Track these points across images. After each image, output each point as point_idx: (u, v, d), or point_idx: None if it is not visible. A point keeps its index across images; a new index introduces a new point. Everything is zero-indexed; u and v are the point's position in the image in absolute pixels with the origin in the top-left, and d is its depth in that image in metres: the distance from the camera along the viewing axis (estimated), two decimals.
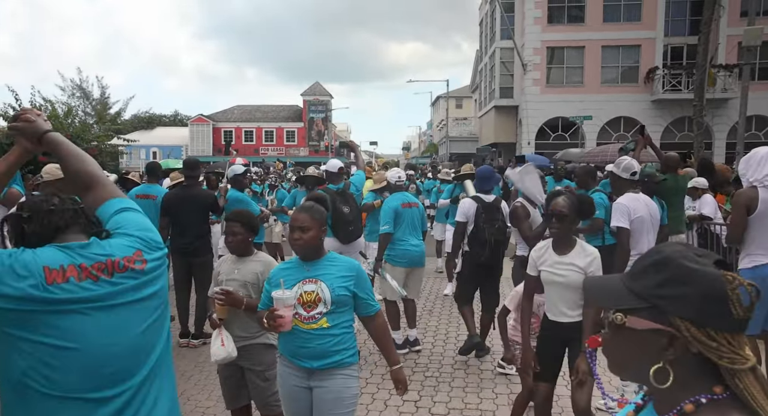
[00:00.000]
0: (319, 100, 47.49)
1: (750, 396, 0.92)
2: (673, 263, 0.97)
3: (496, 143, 29.49)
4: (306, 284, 2.57)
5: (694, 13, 22.77)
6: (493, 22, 28.07)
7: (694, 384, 0.96)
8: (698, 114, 17.27)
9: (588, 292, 1.08)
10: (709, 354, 0.93)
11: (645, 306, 0.97)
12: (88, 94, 34.88)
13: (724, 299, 0.92)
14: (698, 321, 0.93)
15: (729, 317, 0.92)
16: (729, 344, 0.93)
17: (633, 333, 0.98)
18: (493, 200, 5.01)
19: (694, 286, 0.94)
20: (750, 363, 0.93)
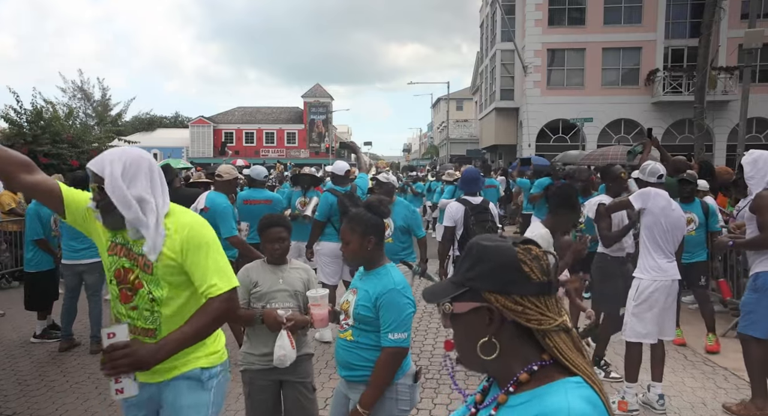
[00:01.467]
0: (319, 102, 47.51)
1: (560, 352, 1.01)
2: (474, 246, 1.10)
3: (496, 144, 29.49)
4: (350, 292, 2.52)
5: (695, 16, 22.78)
6: (494, 25, 28.09)
7: (522, 354, 1.05)
8: (699, 116, 17.26)
9: (426, 297, 1.16)
10: (518, 319, 1.03)
11: (463, 291, 1.08)
12: (89, 96, 34.92)
13: (517, 266, 1.03)
14: (502, 289, 1.04)
15: (528, 281, 1.03)
16: (536, 306, 1.03)
17: (461, 318, 1.09)
18: (481, 202, 4.98)
19: (491, 260, 1.05)
20: (557, 323, 1.02)
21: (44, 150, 10.45)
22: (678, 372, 4.83)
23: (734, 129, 19.57)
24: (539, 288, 1.04)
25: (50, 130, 10.93)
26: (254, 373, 2.84)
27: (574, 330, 1.06)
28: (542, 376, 1.02)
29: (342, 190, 5.77)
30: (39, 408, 4.16)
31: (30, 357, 5.31)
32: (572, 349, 1.03)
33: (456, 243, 4.93)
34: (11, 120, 10.96)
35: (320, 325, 2.61)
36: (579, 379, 1.00)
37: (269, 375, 2.81)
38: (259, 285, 2.82)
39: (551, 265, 1.07)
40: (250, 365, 2.85)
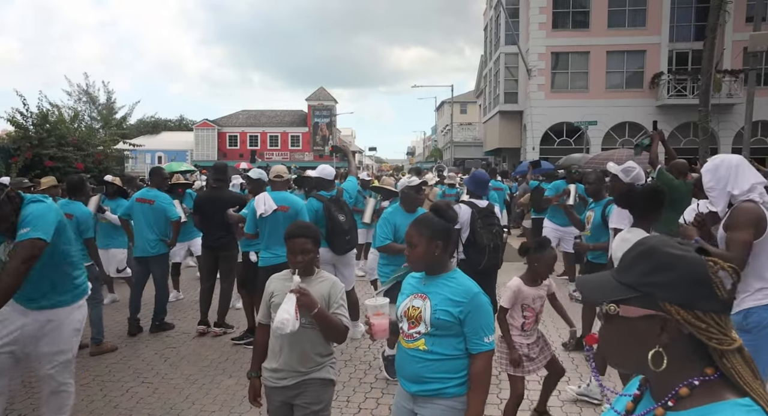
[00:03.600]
0: (323, 105, 47.62)
1: (737, 375, 0.96)
2: (658, 251, 1.02)
3: (500, 148, 29.47)
4: (416, 298, 2.35)
5: (700, 19, 22.76)
6: (498, 28, 28.11)
7: (687, 368, 1.00)
8: (703, 120, 17.22)
9: (582, 290, 1.11)
10: (700, 335, 0.97)
11: (635, 295, 1.02)
12: (95, 99, 35.08)
13: (707, 281, 0.97)
14: (686, 303, 0.98)
15: (714, 298, 0.97)
16: (717, 325, 0.97)
17: (627, 322, 1.03)
18: (487, 205, 4.96)
19: (679, 271, 0.98)
20: (737, 344, 0.98)
21: (49, 153, 10.50)
22: None
23: (739, 132, 19.52)
24: (723, 306, 0.98)
25: (56, 133, 10.98)
26: (269, 390, 2.71)
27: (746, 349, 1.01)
28: (705, 393, 0.97)
29: (328, 195, 5.65)
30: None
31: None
32: (746, 370, 0.98)
33: (461, 246, 4.90)
34: (17, 123, 11.02)
35: (381, 336, 2.38)
36: (749, 401, 0.95)
37: (279, 394, 2.65)
38: (275, 296, 2.69)
39: (735, 283, 1.00)
40: (265, 380, 2.72)
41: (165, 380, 4.78)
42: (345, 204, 5.70)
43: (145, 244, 6.03)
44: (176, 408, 4.22)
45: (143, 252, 6.07)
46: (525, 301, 3.58)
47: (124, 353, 5.49)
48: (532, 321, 3.59)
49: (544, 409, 3.86)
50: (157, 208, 6.04)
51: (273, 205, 5.10)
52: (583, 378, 4.75)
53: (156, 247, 6.05)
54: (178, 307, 7.25)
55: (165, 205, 6.09)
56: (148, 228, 6.03)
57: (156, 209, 6.03)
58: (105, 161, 11.84)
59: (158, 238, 6.05)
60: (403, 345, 2.35)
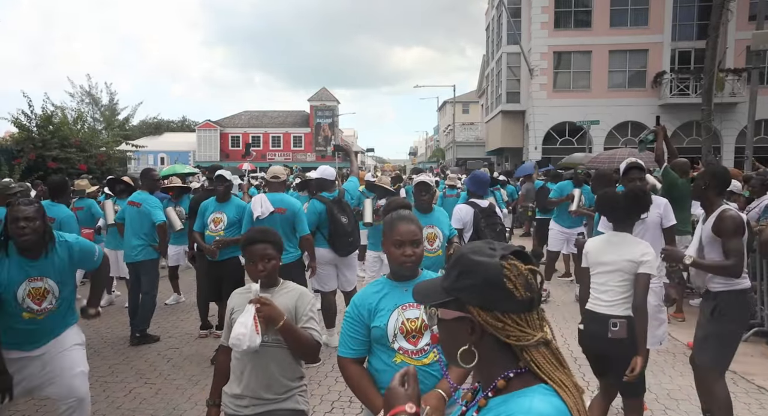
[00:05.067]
0: (325, 105, 47.65)
1: (537, 366, 1.06)
2: (464, 258, 1.12)
3: (502, 147, 29.44)
4: (407, 309, 2.14)
5: (702, 17, 22.69)
6: (500, 27, 28.08)
7: (503, 362, 1.09)
8: (706, 119, 17.15)
9: (414, 295, 1.22)
10: (498, 334, 1.07)
11: (450, 299, 1.12)
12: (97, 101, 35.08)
13: (502, 285, 1.05)
14: (485, 305, 1.07)
15: (512, 299, 1.06)
16: (516, 323, 1.06)
17: (445, 323, 1.14)
18: (488, 205, 4.96)
19: (478, 276, 1.08)
20: (536, 338, 1.06)
21: (53, 155, 10.53)
22: (686, 376, 4.79)
23: (742, 131, 19.44)
24: (521, 306, 1.07)
25: (59, 135, 11.02)
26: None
27: (554, 341, 1.11)
28: (519, 383, 1.07)
29: (330, 196, 5.60)
30: (46, 410, 4.18)
31: None
32: (549, 361, 1.07)
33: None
34: (21, 125, 11.06)
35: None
36: (550, 387, 1.05)
37: None
38: (235, 312, 2.39)
39: (536, 281, 1.09)
40: (225, 406, 2.42)
41: (168, 381, 4.79)
42: (347, 205, 5.66)
43: (130, 250, 5.83)
44: (179, 408, 4.22)
45: (130, 258, 5.88)
46: None
47: (126, 354, 5.50)
48: None
49: None
50: (144, 211, 5.79)
51: (270, 207, 5.03)
52: (586, 381, 4.74)
53: (142, 253, 5.81)
54: (180, 308, 7.27)
55: (150, 208, 5.82)
56: (133, 233, 5.82)
57: (142, 213, 5.80)
58: (108, 162, 11.89)
59: (144, 243, 5.82)
60: (408, 363, 2.04)
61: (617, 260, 3.16)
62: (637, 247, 3.17)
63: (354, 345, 2.14)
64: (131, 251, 5.84)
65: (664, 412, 4.09)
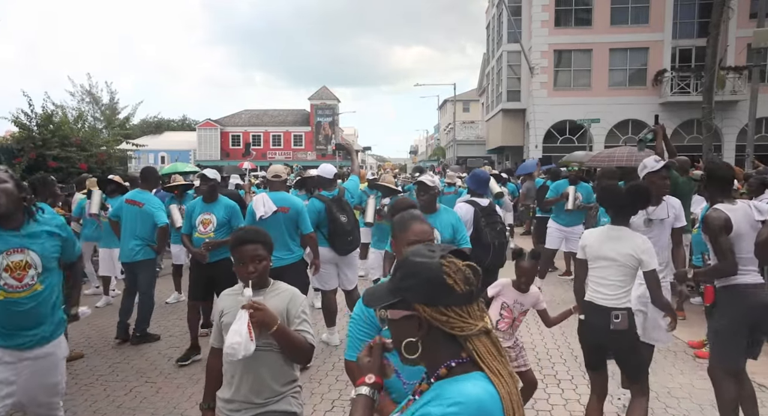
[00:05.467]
0: (326, 104, 47.64)
1: (477, 355, 1.16)
2: (407, 260, 1.23)
3: (503, 146, 29.42)
4: None
5: (703, 15, 22.65)
6: (500, 26, 28.05)
7: (447, 352, 1.19)
8: (707, 117, 17.14)
9: (364, 299, 1.31)
10: (443, 327, 1.17)
11: (397, 300, 1.21)
12: (98, 100, 35.10)
13: (442, 280, 1.16)
14: (429, 301, 1.17)
15: (453, 294, 1.16)
16: (459, 315, 1.17)
17: (395, 323, 1.24)
18: (488, 204, 4.94)
19: (420, 276, 1.18)
20: (478, 328, 1.17)
21: (53, 154, 10.53)
22: (687, 374, 4.79)
23: (743, 129, 19.42)
24: (462, 299, 1.17)
25: (59, 134, 11.01)
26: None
27: (494, 332, 1.22)
28: (460, 371, 1.17)
29: (329, 195, 5.55)
30: None
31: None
32: (489, 351, 1.18)
33: None
34: (21, 124, 11.06)
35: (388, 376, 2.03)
36: (483, 375, 1.15)
37: None
38: (225, 314, 2.35)
39: (474, 276, 1.20)
40: (219, 411, 2.39)
41: (168, 379, 4.79)
42: (347, 204, 5.63)
43: (128, 249, 5.69)
44: (179, 407, 4.22)
45: (127, 258, 5.73)
46: (505, 300, 3.65)
47: (127, 353, 5.50)
48: (507, 323, 3.62)
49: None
50: (146, 212, 5.66)
51: (273, 206, 4.97)
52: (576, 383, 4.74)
53: (140, 252, 5.69)
54: (180, 307, 7.27)
55: (154, 209, 5.71)
56: (131, 233, 5.68)
57: (144, 213, 5.66)
58: (108, 161, 11.88)
59: (142, 243, 5.70)
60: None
61: (617, 254, 3.20)
62: (636, 240, 3.21)
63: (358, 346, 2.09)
64: (129, 250, 5.69)
65: (665, 410, 4.09)
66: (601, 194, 3.57)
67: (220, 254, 5.17)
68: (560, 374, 4.82)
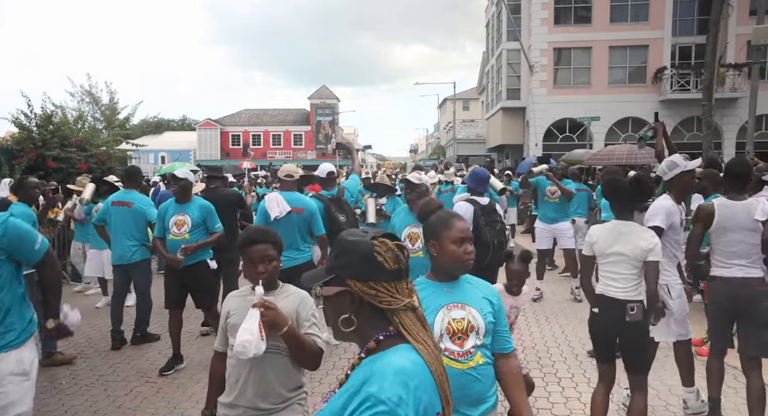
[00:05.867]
0: (326, 103, 47.61)
1: (404, 328, 1.25)
2: (341, 239, 1.34)
3: (503, 144, 29.41)
4: (452, 309, 2.07)
5: (702, 13, 22.63)
6: (500, 24, 28.03)
7: (375, 326, 1.27)
8: (707, 114, 17.12)
9: (302, 280, 1.41)
10: (372, 300, 1.26)
11: (332, 277, 1.31)
12: (97, 100, 35.10)
13: (373, 258, 1.26)
14: (361, 277, 1.27)
15: (383, 270, 1.26)
16: (387, 290, 1.26)
17: (330, 299, 1.32)
18: (488, 203, 4.90)
19: (353, 253, 1.29)
20: (404, 303, 1.26)
21: (53, 154, 10.52)
22: None
23: (743, 126, 19.40)
24: (391, 275, 1.27)
25: (59, 134, 11.00)
26: None
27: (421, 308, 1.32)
28: (388, 344, 1.25)
29: (328, 194, 5.49)
30: (48, 410, 4.19)
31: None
32: (415, 324, 1.27)
33: None
34: (21, 125, 11.05)
35: None
36: (410, 346, 1.24)
37: None
38: (232, 315, 2.31)
39: (403, 255, 1.30)
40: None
41: (169, 379, 4.79)
42: (346, 203, 5.59)
43: (123, 251, 5.53)
44: (180, 407, 4.23)
45: (121, 260, 5.58)
46: None
47: (127, 353, 5.51)
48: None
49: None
50: (137, 211, 5.55)
51: (287, 206, 4.90)
52: (576, 381, 4.74)
53: (136, 253, 5.59)
54: None
55: (145, 207, 5.62)
56: (125, 233, 5.53)
57: (135, 212, 5.55)
58: (108, 161, 11.86)
59: (138, 243, 5.60)
60: (457, 368, 1.99)
61: (629, 249, 3.24)
62: (645, 234, 3.27)
63: None
64: (125, 252, 5.54)
65: (666, 408, 4.09)
66: (604, 188, 3.60)
67: (195, 257, 4.96)
68: (560, 372, 4.83)
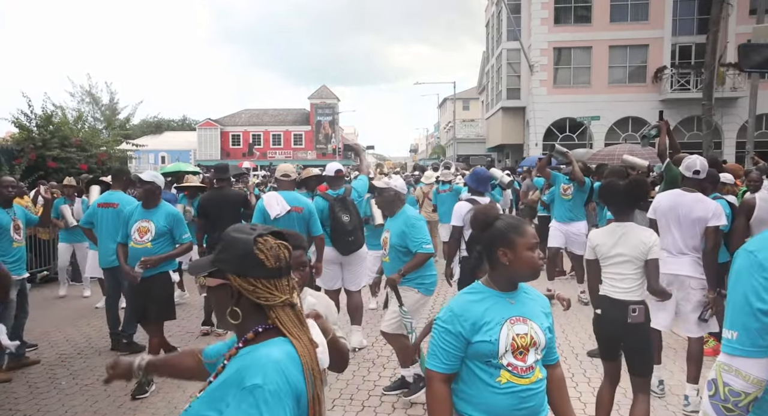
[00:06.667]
0: (326, 103, 47.63)
1: (280, 323, 1.32)
2: (227, 235, 1.38)
3: (503, 144, 29.41)
4: (516, 324, 1.94)
5: (702, 12, 22.62)
6: (500, 24, 28.03)
7: (256, 319, 1.34)
8: (707, 113, 17.10)
9: (189, 269, 1.45)
10: (250, 296, 1.32)
11: (215, 270, 1.36)
12: (98, 100, 35.15)
13: (253, 256, 1.31)
14: (240, 272, 1.32)
15: (262, 267, 1.31)
16: (265, 287, 1.32)
17: (212, 290, 1.38)
18: (489, 203, 4.92)
19: (235, 249, 1.33)
20: (282, 300, 1.33)
21: (53, 155, 10.52)
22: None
23: (743, 126, 19.40)
24: (271, 273, 1.32)
25: (59, 134, 11.00)
26: None
27: (299, 305, 1.38)
28: (265, 336, 1.32)
29: (334, 194, 5.48)
30: (48, 410, 4.19)
31: (38, 357, 5.34)
32: (291, 320, 1.34)
33: (463, 244, 4.87)
34: (21, 125, 11.05)
35: None
36: (287, 340, 1.31)
37: None
38: None
39: (285, 254, 1.35)
40: None
41: (169, 379, 4.78)
42: (351, 204, 5.53)
43: (110, 253, 5.23)
44: (180, 407, 4.21)
45: (109, 263, 5.40)
46: None
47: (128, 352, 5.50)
48: None
49: None
50: (122, 212, 5.22)
51: (287, 205, 4.87)
52: (576, 381, 4.74)
53: None
54: (180, 306, 7.27)
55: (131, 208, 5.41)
56: (111, 236, 5.24)
57: (121, 214, 5.19)
58: (108, 161, 11.85)
59: None
60: (520, 384, 1.90)
61: (630, 250, 3.25)
62: (644, 233, 3.28)
63: (448, 360, 1.91)
64: (111, 255, 5.22)
65: (666, 407, 4.09)
66: (600, 190, 3.60)
67: (156, 268, 4.57)
68: None
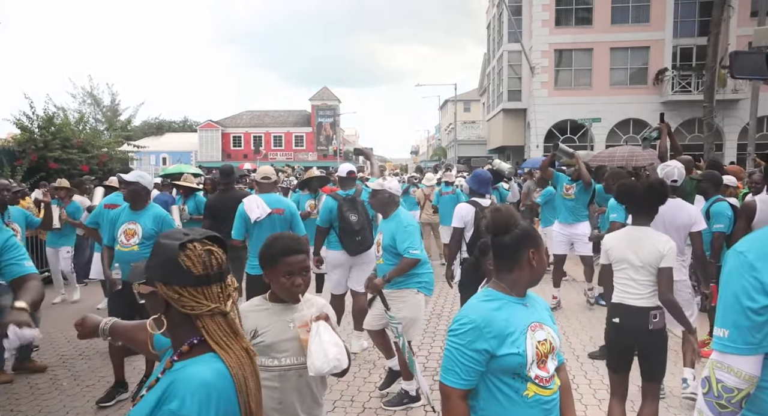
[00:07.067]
0: (327, 104, 47.69)
1: (207, 333, 1.26)
2: (156, 242, 1.33)
3: (504, 146, 29.41)
4: (536, 330, 1.81)
5: (704, 14, 22.63)
6: (501, 26, 28.05)
7: (188, 329, 1.28)
8: (708, 115, 17.12)
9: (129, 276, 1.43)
10: (175, 304, 1.26)
11: (147, 277, 1.33)
12: (99, 101, 35.26)
13: (177, 262, 1.25)
14: (165, 280, 1.27)
15: (188, 275, 1.25)
16: (192, 295, 1.26)
17: (145, 297, 1.35)
18: (490, 204, 4.87)
19: (159, 257, 1.29)
20: (209, 308, 1.26)
21: (54, 156, 10.54)
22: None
23: (744, 128, 19.38)
24: (198, 280, 1.26)
25: (60, 136, 11.02)
26: None
27: (232, 313, 1.31)
28: (201, 349, 1.27)
29: (344, 194, 5.48)
30: (50, 411, 4.20)
31: (41, 360, 5.34)
32: (222, 329, 1.27)
33: (465, 245, 4.87)
34: (23, 126, 11.07)
35: None
36: (216, 355, 1.25)
37: None
38: (261, 334, 2.08)
39: (213, 261, 1.29)
40: None
41: None
42: (360, 204, 5.49)
43: None
44: None
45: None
46: None
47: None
48: None
49: None
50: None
51: (267, 208, 4.89)
52: (577, 383, 4.73)
53: None
54: None
55: None
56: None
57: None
58: (109, 162, 11.87)
59: None
60: (543, 395, 1.78)
61: (644, 256, 3.17)
62: (660, 239, 3.19)
63: (467, 375, 1.74)
64: None
65: (666, 410, 4.09)
66: (618, 193, 3.52)
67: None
68: None
